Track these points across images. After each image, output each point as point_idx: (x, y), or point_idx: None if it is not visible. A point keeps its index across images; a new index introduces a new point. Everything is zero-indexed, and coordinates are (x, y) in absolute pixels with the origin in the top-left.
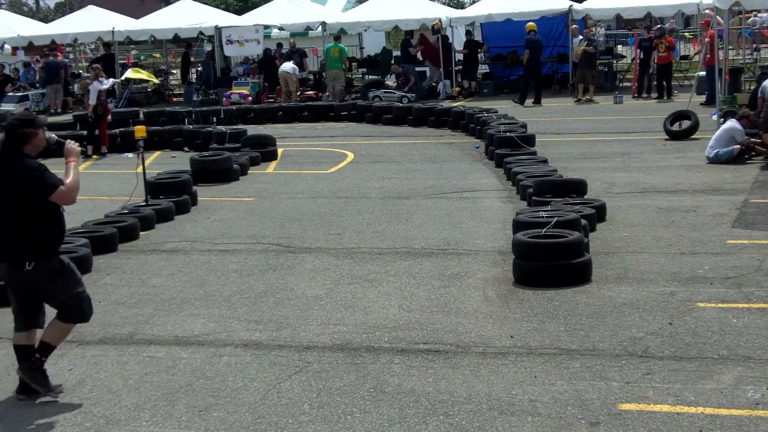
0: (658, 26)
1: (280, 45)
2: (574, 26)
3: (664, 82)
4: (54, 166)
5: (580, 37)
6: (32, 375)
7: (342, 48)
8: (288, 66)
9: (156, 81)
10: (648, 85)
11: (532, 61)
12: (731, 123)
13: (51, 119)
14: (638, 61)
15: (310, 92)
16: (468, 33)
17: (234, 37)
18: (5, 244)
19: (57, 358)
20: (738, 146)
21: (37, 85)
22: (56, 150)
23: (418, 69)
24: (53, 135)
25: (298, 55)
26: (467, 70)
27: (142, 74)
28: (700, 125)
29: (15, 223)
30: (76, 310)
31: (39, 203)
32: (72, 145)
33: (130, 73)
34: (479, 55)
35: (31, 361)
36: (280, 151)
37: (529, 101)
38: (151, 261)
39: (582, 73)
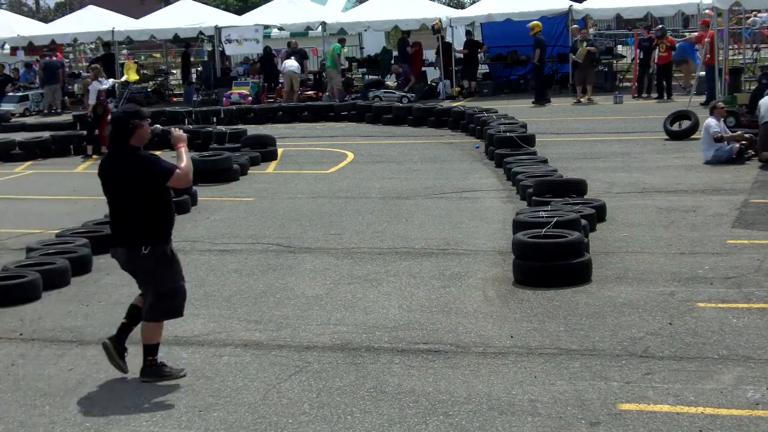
0: (660, 26)
1: (289, 44)
2: (574, 26)
3: (664, 82)
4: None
5: (578, 37)
6: (158, 373)
7: (334, 47)
8: (294, 65)
9: (136, 77)
10: (648, 85)
11: (541, 60)
12: (706, 121)
13: (51, 119)
14: (638, 61)
15: (310, 92)
16: (468, 33)
17: (233, 36)
18: (122, 230)
19: (57, 358)
20: (738, 145)
21: (36, 85)
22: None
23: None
24: (158, 126)
25: (298, 56)
26: (467, 70)
27: (132, 71)
28: (700, 125)
29: (131, 210)
30: (172, 300)
31: (154, 190)
32: (179, 132)
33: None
34: (479, 55)
35: (144, 367)
36: (280, 151)
37: (528, 101)
38: None
39: (583, 73)
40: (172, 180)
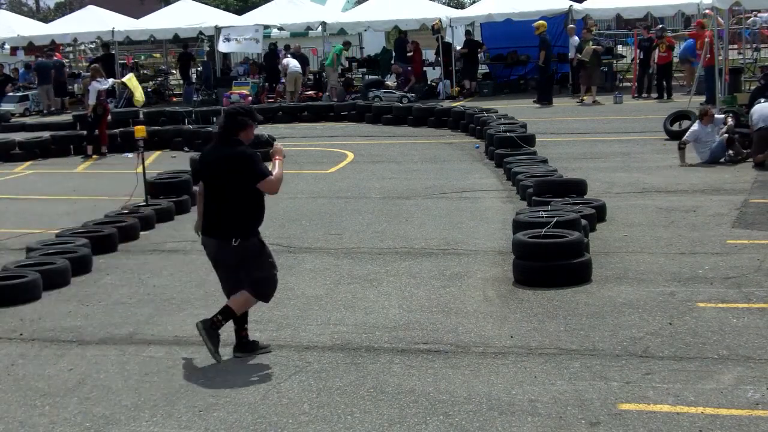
0: (660, 26)
1: (289, 47)
2: (571, 26)
3: (664, 82)
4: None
5: (575, 37)
6: (207, 333)
7: (335, 47)
8: (299, 66)
9: (141, 100)
10: (648, 85)
11: (546, 60)
12: (692, 130)
13: (50, 119)
14: (638, 61)
15: (310, 92)
16: (468, 33)
17: (232, 35)
18: (215, 220)
19: (57, 358)
20: (726, 134)
21: (35, 85)
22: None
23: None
24: (264, 133)
25: (300, 59)
26: (467, 70)
27: (134, 84)
28: None
29: (226, 203)
30: (264, 287)
31: (246, 187)
32: (279, 145)
33: (126, 79)
34: (479, 55)
35: (210, 320)
36: None
37: (528, 101)
38: (151, 261)
39: (589, 72)
40: (263, 183)
